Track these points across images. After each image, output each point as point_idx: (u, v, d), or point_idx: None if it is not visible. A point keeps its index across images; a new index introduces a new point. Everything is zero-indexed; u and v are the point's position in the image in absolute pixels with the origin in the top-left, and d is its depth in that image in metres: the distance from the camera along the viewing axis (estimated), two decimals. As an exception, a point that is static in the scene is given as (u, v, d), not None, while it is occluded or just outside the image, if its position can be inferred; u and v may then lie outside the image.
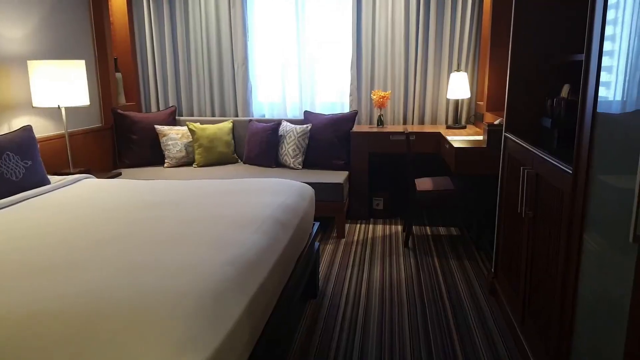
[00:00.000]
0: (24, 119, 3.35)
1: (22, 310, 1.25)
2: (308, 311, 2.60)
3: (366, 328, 2.42)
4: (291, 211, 2.28)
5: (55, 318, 1.22)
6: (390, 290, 2.84)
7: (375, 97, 4.17)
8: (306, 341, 2.31)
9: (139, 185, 2.68)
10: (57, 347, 1.15)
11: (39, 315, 1.23)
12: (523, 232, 2.16)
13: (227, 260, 1.57)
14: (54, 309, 1.25)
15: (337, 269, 3.15)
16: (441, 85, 4.36)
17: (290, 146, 4.09)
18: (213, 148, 4.22)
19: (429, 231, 3.89)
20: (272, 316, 1.76)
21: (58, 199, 2.41)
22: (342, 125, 4.13)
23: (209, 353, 1.19)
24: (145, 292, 1.33)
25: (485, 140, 3.08)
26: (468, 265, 3.19)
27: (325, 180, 3.70)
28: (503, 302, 2.48)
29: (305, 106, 4.59)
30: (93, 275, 1.45)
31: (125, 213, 2.10)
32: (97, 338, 1.16)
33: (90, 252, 1.64)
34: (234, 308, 1.40)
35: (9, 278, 1.45)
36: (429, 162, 4.46)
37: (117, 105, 4.39)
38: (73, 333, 1.18)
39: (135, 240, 1.74)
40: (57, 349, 1.14)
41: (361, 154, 4.10)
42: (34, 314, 1.23)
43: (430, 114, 4.42)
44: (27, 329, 1.19)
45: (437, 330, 2.39)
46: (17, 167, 2.55)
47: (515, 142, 2.32)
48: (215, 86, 4.65)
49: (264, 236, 1.86)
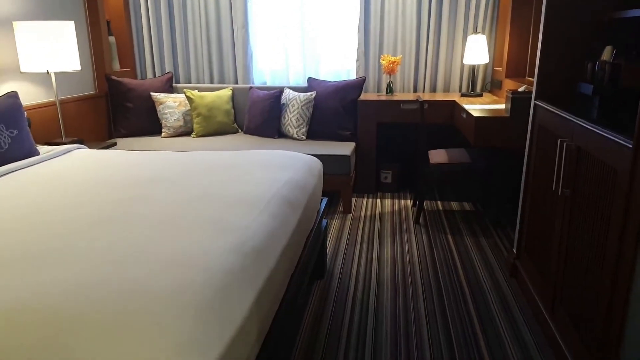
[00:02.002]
0: (12, 85, 3.11)
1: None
2: (316, 293, 2.43)
3: (379, 311, 2.25)
4: (299, 188, 2.07)
5: (34, 316, 1.02)
6: (403, 269, 2.66)
7: (384, 62, 3.91)
8: (315, 327, 2.14)
9: (134, 157, 2.46)
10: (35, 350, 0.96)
11: (15, 312, 1.04)
12: (557, 212, 1.96)
13: (231, 247, 1.37)
14: (33, 305, 1.06)
15: (345, 247, 2.97)
16: (455, 50, 4.08)
17: (294, 115, 3.85)
18: (212, 117, 3.98)
19: (441, 206, 3.69)
20: (281, 306, 1.58)
21: (46, 173, 2.20)
22: (348, 93, 3.88)
23: (214, 357, 1.01)
24: (139, 286, 1.13)
25: (507, 109, 2.85)
26: (485, 244, 3.00)
27: (330, 152, 3.49)
28: (527, 286, 2.31)
29: (309, 73, 4.33)
30: (78, 265, 1.25)
31: (117, 190, 1.90)
32: (82, 340, 0.97)
33: (77, 237, 1.44)
34: (241, 302, 1.21)
35: (-20, 268, 1.25)
36: (440, 132, 4.23)
37: (111, 71, 4.13)
38: (55, 333, 0.98)
39: (127, 223, 1.53)
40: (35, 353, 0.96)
41: (369, 123, 3.87)
42: (8, 311, 1.04)
43: (443, 80, 4.16)
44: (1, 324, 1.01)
45: (456, 314, 2.23)
46: (2, 137, 2.34)
47: (549, 111, 2.09)
48: (214, 51, 4.38)
49: (271, 218, 1.66)
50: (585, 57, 2.14)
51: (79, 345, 0.96)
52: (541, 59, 2.25)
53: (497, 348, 1.98)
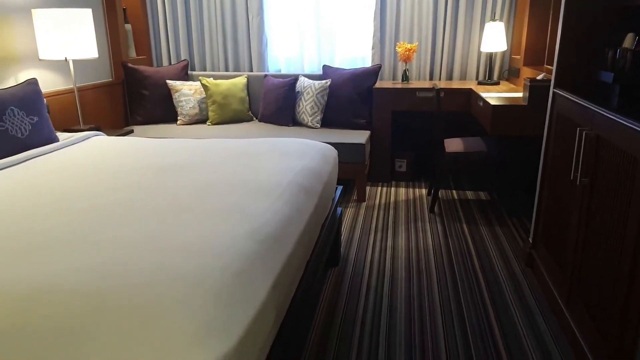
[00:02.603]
0: (31, 73, 3.15)
1: (18, 288, 1.09)
2: (330, 280, 2.45)
3: (393, 299, 2.26)
4: (315, 176, 2.08)
5: (55, 299, 1.05)
6: (417, 258, 2.67)
7: (400, 50, 3.87)
8: (329, 314, 2.16)
9: (151, 144, 2.49)
10: (56, 332, 0.99)
11: (37, 294, 1.07)
12: (574, 202, 1.94)
13: (247, 233, 1.39)
14: (54, 288, 1.09)
15: (359, 235, 2.98)
16: (472, 37, 4.03)
17: (308, 103, 3.84)
18: (227, 105, 4.00)
19: (456, 195, 3.68)
20: (297, 292, 1.59)
21: (65, 159, 2.23)
22: (363, 80, 3.86)
23: (234, 342, 1.03)
24: (159, 269, 1.16)
25: (525, 97, 2.82)
26: (500, 233, 2.99)
27: (345, 140, 3.48)
28: (543, 275, 2.30)
29: (324, 60, 4.31)
30: (99, 248, 1.28)
31: (135, 177, 1.92)
32: (102, 323, 1.00)
33: (97, 220, 1.47)
34: (259, 288, 1.23)
35: (6, 250, 1.29)
36: (456, 121, 4.19)
37: (128, 58, 4.16)
38: (75, 317, 1.01)
39: (145, 209, 1.56)
40: (56, 334, 0.98)
41: (384, 111, 3.85)
42: (32, 293, 1.07)
43: (459, 68, 4.12)
44: (23, 310, 1.03)
45: (471, 303, 2.23)
46: (23, 124, 2.38)
47: (568, 100, 2.06)
48: (229, 39, 4.38)
49: (287, 205, 1.67)
50: (605, 44, 2.10)
51: (102, 331, 0.98)
52: (561, 46, 2.22)
53: (512, 337, 1.99)
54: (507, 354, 1.89)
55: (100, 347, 0.96)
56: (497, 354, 1.89)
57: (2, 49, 2.93)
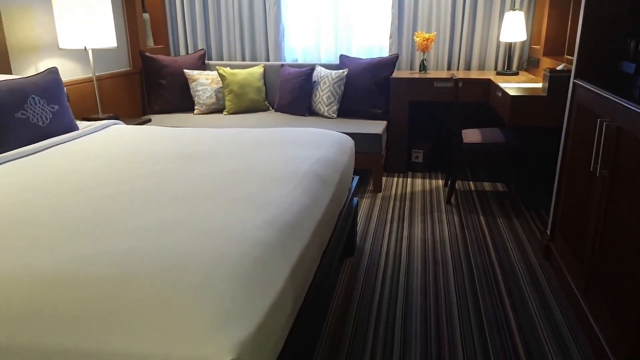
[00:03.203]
0: (51, 62, 3.20)
1: (41, 274, 1.12)
2: (346, 270, 2.46)
3: (409, 290, 2.27)
4: (332, 165, 2.08)
5: (76, 283, 1.08)
6: (434, 249, 2.66)
7: (418, 39, 3.84)
8: (345, 304, 2.17)
9: (169, 133, 2.52)
10: (78, 315, 1.01)
11: (60, 280, 1.09)
12: (594, 194, 1.92)
13: (265, 221, 1.40)
14: (76, 272, 1.11)
15: (375, 225, 2.98)
16: (492, 27, 3.97)
17: (325, 93, 3.84)
18: (244, 95, 4.01)
19: (473, 187, 3.65)
20: (314, 280, 1.61)
21: (86, 147, 2.27)
22: (380, 70, 3.84)
23: (253, 328, 1.04)
24: (178, 255, 1.17)
25: (545, 88, 2.78)
26: (517, 225, 2.97)
27: (362, 131, 3.48)
28: (561, 268, 2.28)
29: (341, 50, 4.29)
30: (120, 234, 1.30)
31: (154, 164, 1.95)
32: (123, 307, 1.02)
33: (118, 207, 1.50)
34: (277, 275, 1.24)
35: (29, 236, 1.32)
36: (474, 111, 4.15)
37: (145, 48, 4.19)
38: (96, 300, 1.03)
39: (165, 196, 1.58)
40: (77, 318, 1.01)
41: (401, 102, 3.83)
42: (54, 279, 1.10)
43: (477, 58, 4.07)
44: (46, 293, 1.06)
45: (487, 295, 2.22)
46: (44, 112, 2.41)
47: (589, 90, 2.03)
48: (246, 28, 4.38)
49: (304, 194, 1.68)
50: (628, 34, 2.06)
51: (126, 314, 1.00)
52: (582, 36, 2.18)
53: (528, 329, 1.98)
54: (523, 346, 1.88)
55: (122, 332, 0.98)
56: (514, 346, 1.88)
57: (23, 38, 2.97)
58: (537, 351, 1.85)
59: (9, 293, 1.07)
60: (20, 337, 1.00)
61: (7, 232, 1.34)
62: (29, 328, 1.01)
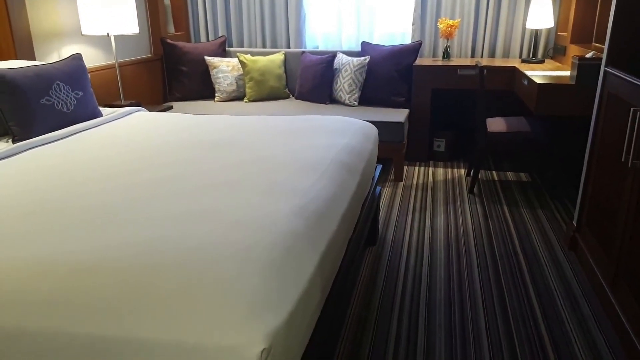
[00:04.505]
0: (73, 48, 3.22)
1: (71, 259, 1.12)
2: (368, 259, 2.45)
3: (432, 280, 2.26)
4: (356, 154, 2.07)
5: (106, 270, 1.08)
6: (457, 239, 2.64)
7: (442, 26, 3.77)
8: (368, 293, 2.17)
9: (192, 121, 2.52)
10: (109, 303, 1.01)
11: (89, 265, 1.10)
12: (624, 185, 1.87)
13: (294, 210, 1.40)
14: (105, 259, 1.12)
15: (397, 215, 2.97)
16: (517, 13, 3.89)
17: (346, 81, 3.80)
18: (264, 82, 4.00)
19: (496, 176, 3.61)
20: (340, 269, 1.60)
21: (109, 134, 2.28)
22: (403, 57, 3.79)
23: (284, 317, 1.04)
24: (208, 244, 1.17)
25: (573, 76, 2.71)
26: (542, 215, 2.92)
27: (383, 119, 3.44)
28: (587, 259, 2.24)
29: (363, 37, 4.25)
30: (147, 222, 1.30)
31: (179, 152, 1.95)
32: (154, 295, 1.02)
33: (145, 195, 1.50)
34: (307, 264, 1.24)
35: (56, 223, 1.33)
36: (498, 100, 4.08)
37: (166, 34, 4.19)
38: (127, 288, 1.04)
39: (192, 185, 1.58)
40: (109, 305, 1.01)
41: (424, 90, 3.78)
42: (83, 264, 1.10)
43: (502, 45, 3.99)
44: (76, 281, 1.06)
45: (512, 286, 2.20)
46: (68, 98, 2.43)
47: (621, 78, 1.97)
48: (267, 14, 4.35)
49: (331, 183, 1.67)
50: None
51: (157, 302, 1.00)
52: (614, 23, 2.11)
53: (554, 321, 1.96)
54: (549, 338, 1.86)
55: (154, 320, 0.98)
56: (539, 338, 1.86)
57: (46, 25, 2.99)
58: (564, 342, 1.83)
59: (40, 280, 1.08)
60: (51, 322, 1.01)
61: (35, 219, 1.35)
62: (59, 314, 1.01)
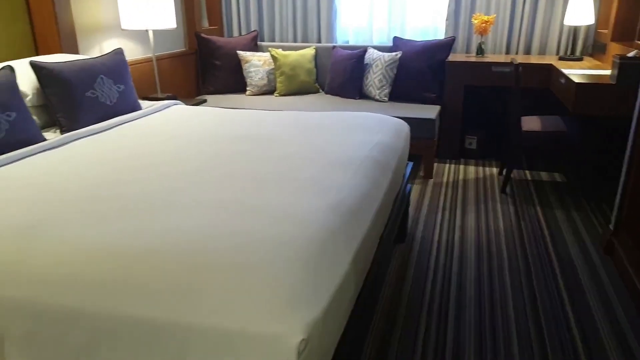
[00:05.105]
0: (113, 42, 3.30)
1: (122, 244, 1.18)
2: (396, 256, 2.45)
3: (462, 280, 2.25)
4: (389, 151, 2.07)
5: (154, 256, 1.13)
6: (488, 239, 2.62)
7: (476, 21, 3.72)
8: (396, 290, 2.18)
9: (227, 114, 2.56)
10: (159, 287, 1.07)
11: (139, 251, 1.15)
12: (667, 189, 1.82)
13: (328, 206, 1.41)
14: (152, 245, 1.17)
15: (426, 212, 2.95)
16: (555, 9, 3.80)
17: (377, 76, 3.79)
18: (295, 76, 4.02)
19: (529, 176, 3.55)
20: (372, 265, 1.61)
21: (150, 126, 2.34)
22: (436, 53, 3.75)
23: (321, 310, 1.06)
24: (250, 237, 1.21)
25: (613, 76, 2.64)
26: (577, 218, 2.86)
27: (414, 115, 3.42)
28: (624, 264, 2.19)
29: (394, 31, 4.22)
30: (190, 213, 1.34)
31: (216, 145, 1.99)
32: (201, 281, 1.06)
33: (186, 186, 1.54)
34: (341, 260, 1.26)
35: (106, 209, 1.38)
36: (533, 98, 4.00)
37: (201, 29, 4.25)
38: (176, 274, 1.08)
39: (228, 177, 1.62)
40: (159, 289, 1.06)
41: (456, 86, 3.73)
42: (134, 250, 1.16)
43: (538, 42, 3.90)
44: (129, 266, 1.12)
45: (544, 290, 2.17)
46: (111, 92, 2.50)
47: (667, 80, 1.92)
48: (299, 8, 4.36)
49: (365, 179, 1.68)
50: None
51: (206, 288, 1.05)
52: (663, 20, 2.05)
53: (587, 325, 1.93)
54: (583, 344, 1.83)
55: (201, 305, 1.02)
56: (573, 344, 1.84)
57: (89, 19, 3.08)
58: (596, 348, 1.80)
59: (98, 263, 1.14)
60: (107, 304, 1.07)
61: (88, 205, 1.41)
62: (115, 297, 1.07)
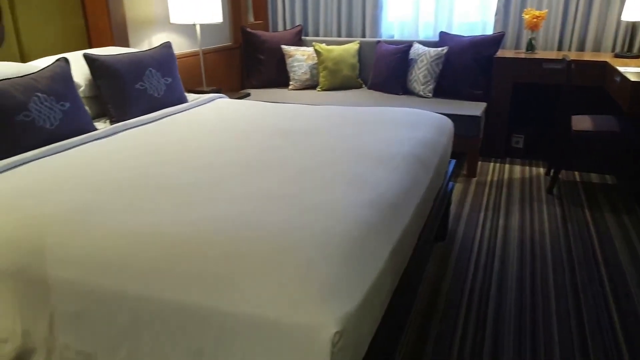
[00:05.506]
0: (161, 36, 3.40)
1: (168, 232, 1.22)
2: (436, 255, 2.42)
3: (503, 281, 2.19)
4: (430, 148, 2.04)
5: (198, 243, 1.17)
6: (532, 241, 2.54)
7: (527, 16, 3.60)
8: (435, 288, 2.15)
9: (270, 108, 2.59)
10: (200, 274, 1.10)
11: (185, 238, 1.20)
12: None
13: (367, 201, 1.41)
14: (196, 233, 1.21)
15: (468, 211, 2.89)
16: (612, 4, 3.62)
17: (421, 72, 3.73)
18: (338, 71, 4.01)
19: (578, 177, 3.41)
20: (410, 262, 1.60)
21: (195, 118, 2.40)
22: (483, 49, 3.65)
23: (356, 303, 1.07)
24: (289, 226, 1.23)
25: (674, 74, 2.50)
26: (628, 222, 2.74)
27: (459, 112, 3.35)
28: (678, 272, 2.08)
29: (441, 26, 4.14)
30: (233, 203, 1.38)
31: (259, 138, 2.02)
32: (240, 269, 1.09)
33: (229, 177, 1.58)
34: (379, 255, 1.26)
35: (153, 198, 1.43)
36: (585, 96, 3.84)
37: (246, 23, 4.31)
38: (217, 261, 1.12)
39: (270, 170, 1.64)
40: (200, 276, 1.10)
41: (504, 83, 3.63)
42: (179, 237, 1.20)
43: (593, 38, 3.74)
44: (171, 252, 1.16)
45: (590, 296, 2.09)
46: (159, 84, 2.58)
47: None
48: (344, 3, 4.34)
49: (406, 176, 1.66)
50: None
51: (243, 278, 1.07)
52: None
53: (635, 333, 1.84)
54: (629, 354, 1.76)
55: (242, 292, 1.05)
56: (618, 350, 1.76)
57: (139, 13, 3.17)
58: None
59: (142, 249, 1.19)
60: (149, 288, 1.12)
61: (135, 193, 1.47)
62: (157, 282, 1.12)
